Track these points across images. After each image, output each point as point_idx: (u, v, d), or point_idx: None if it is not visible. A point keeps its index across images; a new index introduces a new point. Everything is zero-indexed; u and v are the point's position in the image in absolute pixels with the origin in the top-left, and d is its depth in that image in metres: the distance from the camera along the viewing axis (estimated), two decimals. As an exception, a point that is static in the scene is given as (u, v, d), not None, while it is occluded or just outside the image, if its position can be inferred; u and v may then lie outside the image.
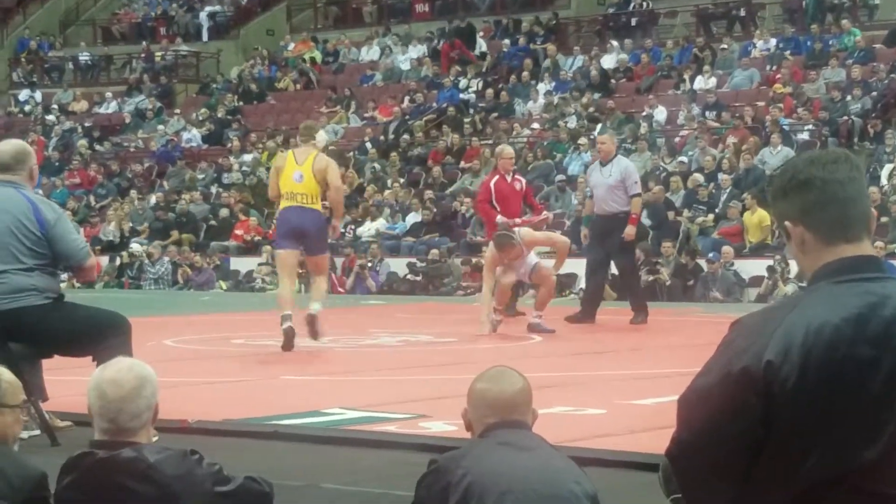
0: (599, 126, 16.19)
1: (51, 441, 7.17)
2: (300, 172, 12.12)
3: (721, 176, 24.39)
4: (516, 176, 15.25)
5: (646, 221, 23.35)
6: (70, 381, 7.69)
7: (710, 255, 21.62)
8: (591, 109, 28.78)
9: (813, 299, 2.86)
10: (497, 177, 14.60)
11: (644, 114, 27.91)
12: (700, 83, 28.51)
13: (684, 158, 25.67)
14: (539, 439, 4.08)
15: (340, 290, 23.86)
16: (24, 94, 38.00)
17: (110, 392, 4.03)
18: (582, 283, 22.74)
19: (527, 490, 3.87)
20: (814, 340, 2.78)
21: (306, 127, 13.42)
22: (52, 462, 4.27)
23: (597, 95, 29.34)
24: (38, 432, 7.32)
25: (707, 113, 27.08)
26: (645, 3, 32.68)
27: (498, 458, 3.94)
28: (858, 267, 2.88)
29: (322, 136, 13.55)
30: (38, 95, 37.79)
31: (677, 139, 26.75)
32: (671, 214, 23.41)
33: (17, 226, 7.53)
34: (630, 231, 14.89)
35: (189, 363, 11.60)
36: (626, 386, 9.47)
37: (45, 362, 7.86)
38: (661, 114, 27.87)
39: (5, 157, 7.74)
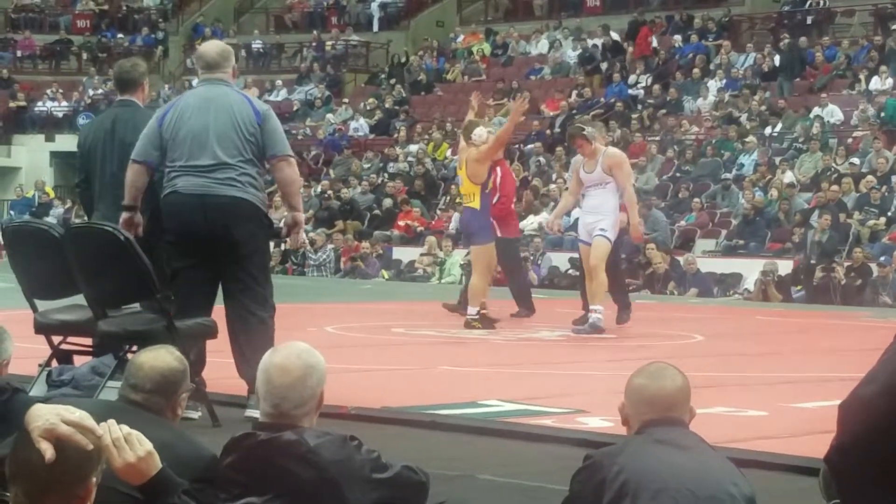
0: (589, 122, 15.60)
1: (212, 421, 7.28)
2: (459, 177, 12.45)
3: (895, 179, 23.86)
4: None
5: (815, 223, 22.96)
6: (221, 364, 7.81)
7: (882, 258, 21.17)
8: (763, 108, 28.38)
9: None
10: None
11: (816, 113, 27.41)
12: (876, 84, 27.90)
13: (857, 160, 25.17)
14: (697, 438, 4.02)
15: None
16: (196, 81, 38.71)
17: (277, 378, 4.04)
18: (746, 284, 22.49)
19: (682, 489, 3.81)
20: None
21: (465, 127, 13.77)
22: (214, 442, 4.34)
23: (768, 94, 28.92)
24: (200, 413, 7.45)
25: (882, 114, 26.52)
26: (822, 1, 32.08)
27: (654, 455, 3.89)
28: None
29: (480, 132, 13.63)
30: (210, 82, 38.44)
31: (851, 140, 26.22)
32: (842, 216, 22.98)
33: (237, 120, 7.66)
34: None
35: (349, 350, 11.70)
36: (788, 388, 9.31)
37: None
38: (834, 114, 27.35)
39: (213, 55, 7.92)
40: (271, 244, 27.36)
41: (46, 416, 3.05)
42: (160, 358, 4.28)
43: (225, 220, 7.56)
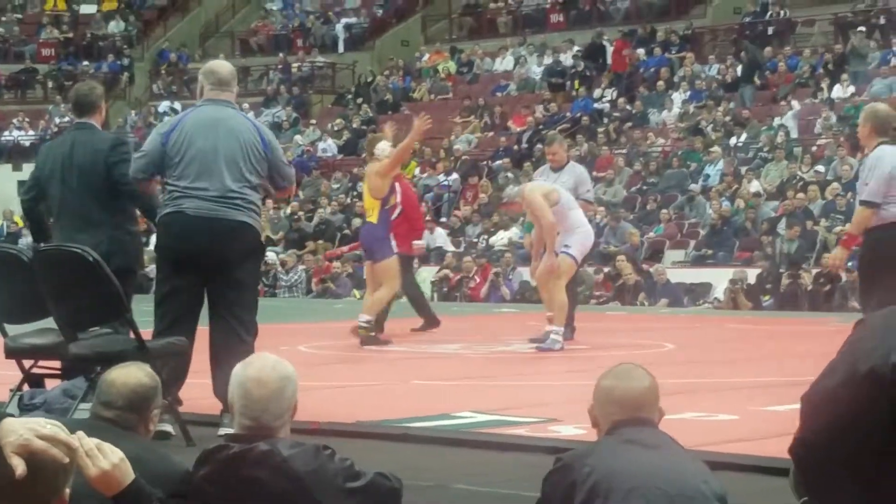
0: (550, 134, 15.59)
1: (186, 441, 7.29)
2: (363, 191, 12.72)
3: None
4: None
5: (782, 231, 23.12)
6: (197, 384, 7.82)
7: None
8: (728, 118, 28.55)
9: None
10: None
11: (779, 122, 27.59)
12: (838, 92, 28.10)
13: (822, 167, 25.33)
14: (666, 437, 4.06)
15: (475, 297, 23.97)
16: (163, 106, 38.65)
17: (255, 392, 4.06)
18: (716, 293, 22.60)
19: (653, 488, 3.84)
20: None
21: (368, 141, 13.86)
22: (188, 460, 4.35)
23: (732, 104, 29.09)
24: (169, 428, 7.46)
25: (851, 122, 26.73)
26: (782, 12, 32.30)
27: (624, 455, 3.92)
28: None
29: (383, 147, 13.67)
30: (177, 106, 38.44)
31: (815, 148, 26.39)
32: (809, 224, 23.12)
33: (246, 146, 7.68)
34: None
35: (321, 368, 11.71)
36: (759, 393, 9.37)
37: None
38: (797, 122, 27.54)
39: (226, 73, 7.92)
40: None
41: (20, 431, 3.06)
42: (131, 374, 4.30)
43: (229, 245, 7.60)
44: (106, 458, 3.35)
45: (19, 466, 2.99)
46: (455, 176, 30.03)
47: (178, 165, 7.65)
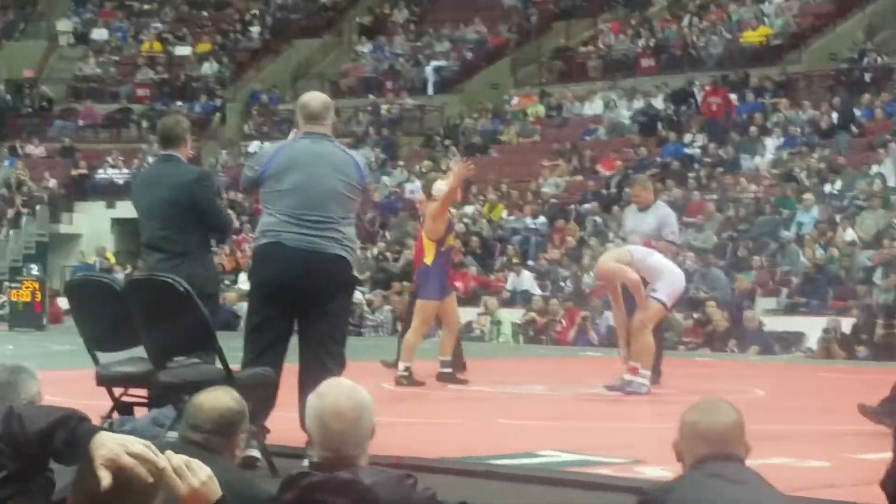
0: (634, 176, 15.38)
1: (271, 470, 7.30)
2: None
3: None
4: None
5: (878, 280, 22.78)
6: (284, 417, 7.83)
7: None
8: (822, 165, 28.26)
9: None
10: None
11: (876, 170, 27.26)
12: (936, 139, 27.74)
13: (919, 216, 24.99)
14: (752, 473, 3.99)
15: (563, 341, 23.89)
16: (254, 146, 39.03)
17: (333, 424, 4.03)
18: (808, 342, 22.32)
19: (740, 524, 3.79)
20: None
21: (426, 181, 13.85)
22: (273, 490, 4.34)
23: (827, 151, 28.80)
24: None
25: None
26: (879, 58, 31.99)
27: (710, 489, 3.86)
28: None
29: (440, 186, 13.58)
30: (267, 147, 38.82)
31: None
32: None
33: (346, 180, 7.73)
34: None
35: (406, 404, 11.72)
36: (852, 440, 9.21)
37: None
38: (894, 170, 27.19)
39: (317, 106, 7.96)
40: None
41: (111, 446, 3.09)
42: (219, 398, 4.32)
43: (325, 278, 7.64)
44: (195, 475, 3.36)
45: (105, 479, 3.01)
46: (542, 219, 29.99)
47: (275, 194, 7.72)
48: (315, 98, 8.13)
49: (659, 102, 33.57)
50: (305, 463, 7.15)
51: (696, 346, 22.70)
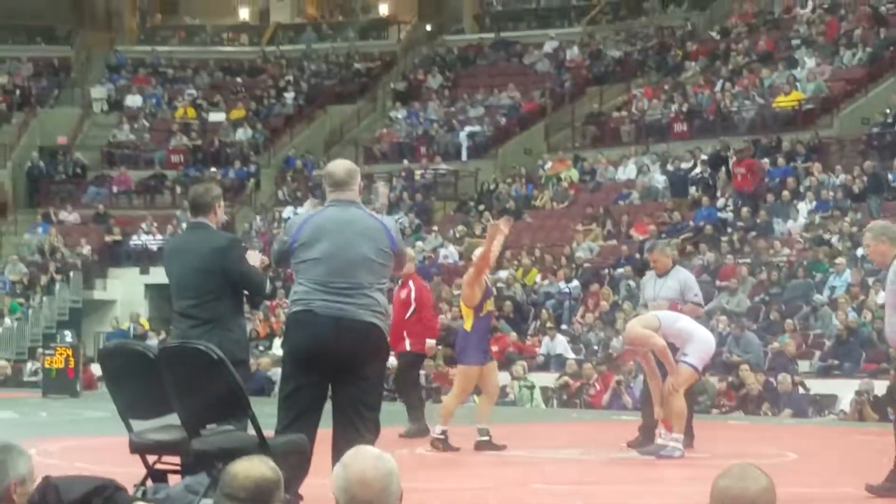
0: (652, 241, 15.35)
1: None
2: None
3: None
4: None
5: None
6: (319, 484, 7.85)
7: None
8: (854, 229, 28.23)
9: None
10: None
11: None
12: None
13: (951, 279, 24.90)
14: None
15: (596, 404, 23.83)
16: (287, 212, 39.29)
17: (360, 494, 4.00)
18: (841, 405, 22.22)
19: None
20: None
21: (466, 247, 13.89)
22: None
23: (859, 215, 28.77)
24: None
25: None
26: (911, 121, 32.01)
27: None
28: None
29: (478, 253, 13.64)
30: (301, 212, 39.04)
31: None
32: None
33: (376, 246, 7.79)
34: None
35: (441, 470, 11.73)
36: (885, 503, 9.18)
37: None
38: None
39: (341, 174, 8.00)
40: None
41: None
42: (254, 467, 4.34)
43: (357, 345, 7.66)
44: None
45: None
46: (576, 283, 30.01)
47: (305, 264, 7.77)
48: (339, 165, 8.17)
49: (692, 167, 33.58)
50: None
51: (730, 410, 22.62)
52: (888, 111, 32.56)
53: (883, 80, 34.39)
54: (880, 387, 21.78)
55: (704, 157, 33.41)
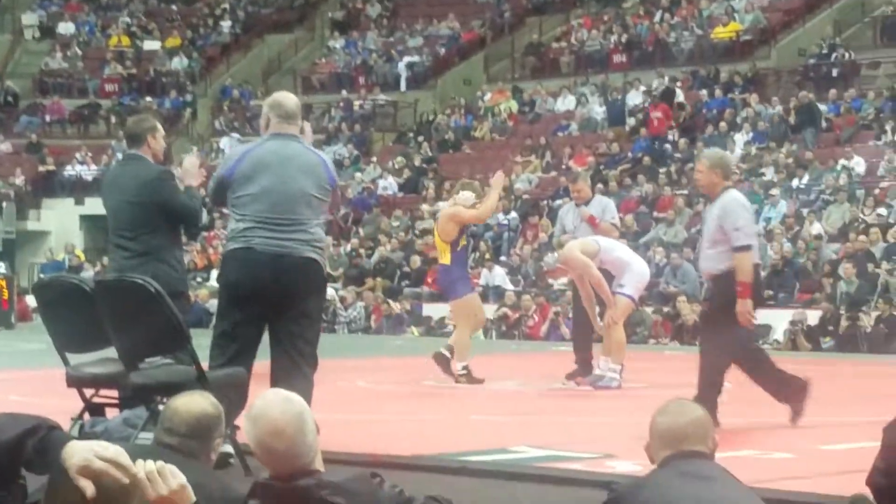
0: (574, 171, 15.32)
1: (244, 470, 7.34)
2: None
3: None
4: None
5: (842, 272, 22.90)
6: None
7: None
8: (790, 160, 28.43)
9: None
10: None
11: (842, 165, 27.46)
12: (902, 134, 27.96)
13: (884, 210, 25.17)
14: (720, 469, 4.07)
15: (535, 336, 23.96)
16: (224, 142, 39.05)
17: (277, 445, 3.95)
18: (776, 335, 22.47)
19: (707, 520, 3.86)
20: None
21: (459, 185, 13.90)
22: (247, 489, 4.36)
23: (795, 147, 28.98)
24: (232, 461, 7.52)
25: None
26: (847, 54, 32.17)
27: (678, 487, 3.93)
28: None
29: (467, 196, 13.63)
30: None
31: (877, 191, 26.24)
32: (870, 266, 22.97)
33: (316, 181, 7.71)
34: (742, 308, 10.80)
35: (380, 402, 11.78)
36: (815, 432, 9.32)
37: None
38: (860, 165, 27.40)
39: (292, 106, 7.88)
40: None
41: (82, 454, 3.12)
42: (195, 403, 4.34)
43: (297, 281, 7.61)
44: (166, 482, 3.37)
45: (88, 488, 3.05)
46: (514, 215, 30.07)
47: (245, 198, 7.69)
48: (289, 98, 8.05)
49: (634, 98, 33.62)
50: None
51: (666, 340, 22.84)
52: (824, 42, 32.73)
53: (820, 10, 34.56)
54: (813, 317, 22.07)
55: (644, 87, 33.46)
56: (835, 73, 31.86)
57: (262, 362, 7.79)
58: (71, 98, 41.64)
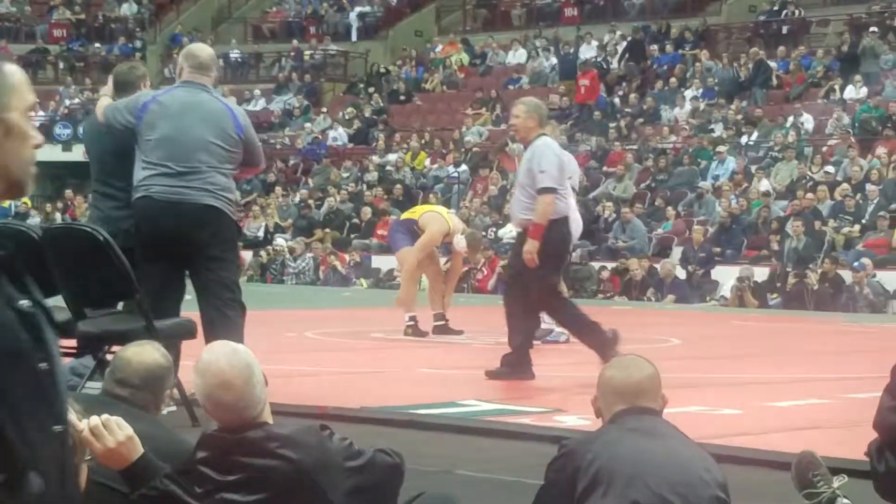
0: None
1: (191, 420, 7.32)
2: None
3: (868, 187, 24.03)
4: None
5: (791, 230, 23.03)
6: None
7: (856, 264, 21.31)
8: (739, 117, 28.54)
9: None
10: None
11: (791, 122, 27.59)
12: (850, 93, 28.09)
13: (831, 168, 25.33)
14: (669, 426, 4.09)
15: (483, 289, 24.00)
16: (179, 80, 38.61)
17: (225, 397, 3.95)
18: (723, 291, 22.61)
19: (656, 476, 3.88)
20: None
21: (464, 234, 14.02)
22: (194, 440, 4.35)
23: (744, 103, 29.08)
24: (174, 408, 7.49)
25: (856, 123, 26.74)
26: (797, 11, 32.27)
27: (627, 443, 3.96)
28: None
29: (461, 241, 13.86)
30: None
31: (825, 148, 26.40)
32: (818, 224, 23.13)
33: (218, 129, 7.72)
34: (530, 248, 9.42)
35: (328, 354, 11.77)
36: (762, 389, 9.40)
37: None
38: (808, 122, 27.55)
39: (205, 57, 7.98)
40: (250, 254, 27.46)
41: None
42: (146, 353, 4.32)
43: (196, 228, 7.63)
44: (113, 434, 3.35)
45: None
46: (464, 167, 30.05)
47: (148, 144, 7.71)
48: (203, 49, 8.18)
49: (587, 52, 33.57)
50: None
51: (614, 295, 22.94)
52: (775, -1, 32.82)
53: (771, -33, 34.60)
54: (760, 273, 22.21)
55: (596, 41, 33.45)
56: (785, 30, 31.97)
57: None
58: (18, 43, 41.10)
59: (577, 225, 12.47)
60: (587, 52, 33.52)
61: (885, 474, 3.05)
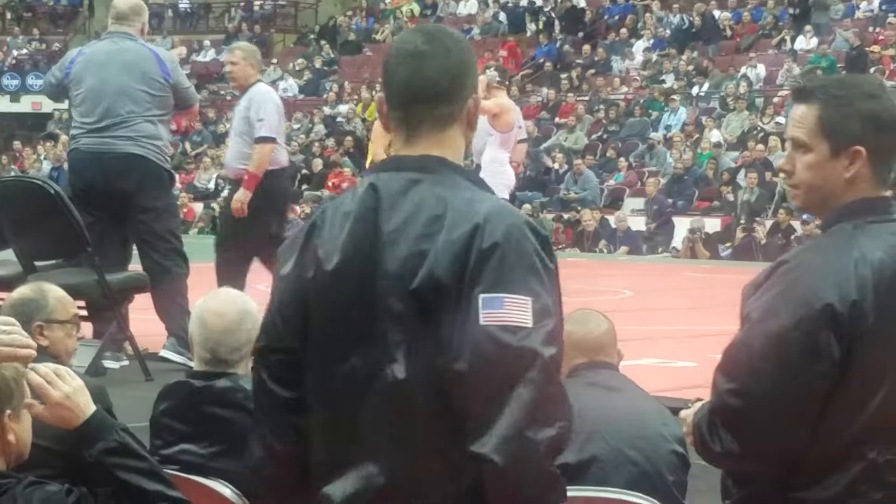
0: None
1: (145, 374, 7.28)
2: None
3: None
4: None
5: (742, 182, 23.12)
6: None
7: (805, 216, 21.41)
8: (690, 68, 28.57)
9: (863, 239, 2.84)
10: None
11: (742, 73, 27.65)
12: (801, 43, 28.15)
13: (782, 119, 25.41)
14: (626, 380, 4.10)
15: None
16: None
17: (212, 323, 4.05)
18: (674, 242, 22.69)
19: (614, 430, 3.89)
20: (878, 279, 2.78)
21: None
22: (146, 396, 4.32)
23: (695, 54, 29.10)
24: (127, 362, 7.47)
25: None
26: (748, -39, 32.26)
27: (585, 398, 3.94)
28: (885, 208, 2.89)
29: None
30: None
31: (776, 99, 26.48)
32: (769, 175, 23.22)
33: (141, 76, 7.73)
34: (241, 197, 8.56)
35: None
36: (716, 340, 9.38)
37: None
38: (760, 73, 27.62)
39: (123, 8, 7.98)
40: (201, 206, 27.30)
41: None
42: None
43: (123, 179, 7.61)
44: (65, 382, 3.14)
45: None
46: (416, 119, 29.94)
47: (76, 99, 7.75)
48: (123, 0, 8.09)
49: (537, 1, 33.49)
50: (161, 353, 7.23)
51: (566, 247, 22.96)
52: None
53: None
54: (712, 224, 22.30)
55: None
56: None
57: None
58: (-40, -9, 40.57)
59: (509, 177, 12.23)
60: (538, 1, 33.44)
61: (719, 454, 2.99)
